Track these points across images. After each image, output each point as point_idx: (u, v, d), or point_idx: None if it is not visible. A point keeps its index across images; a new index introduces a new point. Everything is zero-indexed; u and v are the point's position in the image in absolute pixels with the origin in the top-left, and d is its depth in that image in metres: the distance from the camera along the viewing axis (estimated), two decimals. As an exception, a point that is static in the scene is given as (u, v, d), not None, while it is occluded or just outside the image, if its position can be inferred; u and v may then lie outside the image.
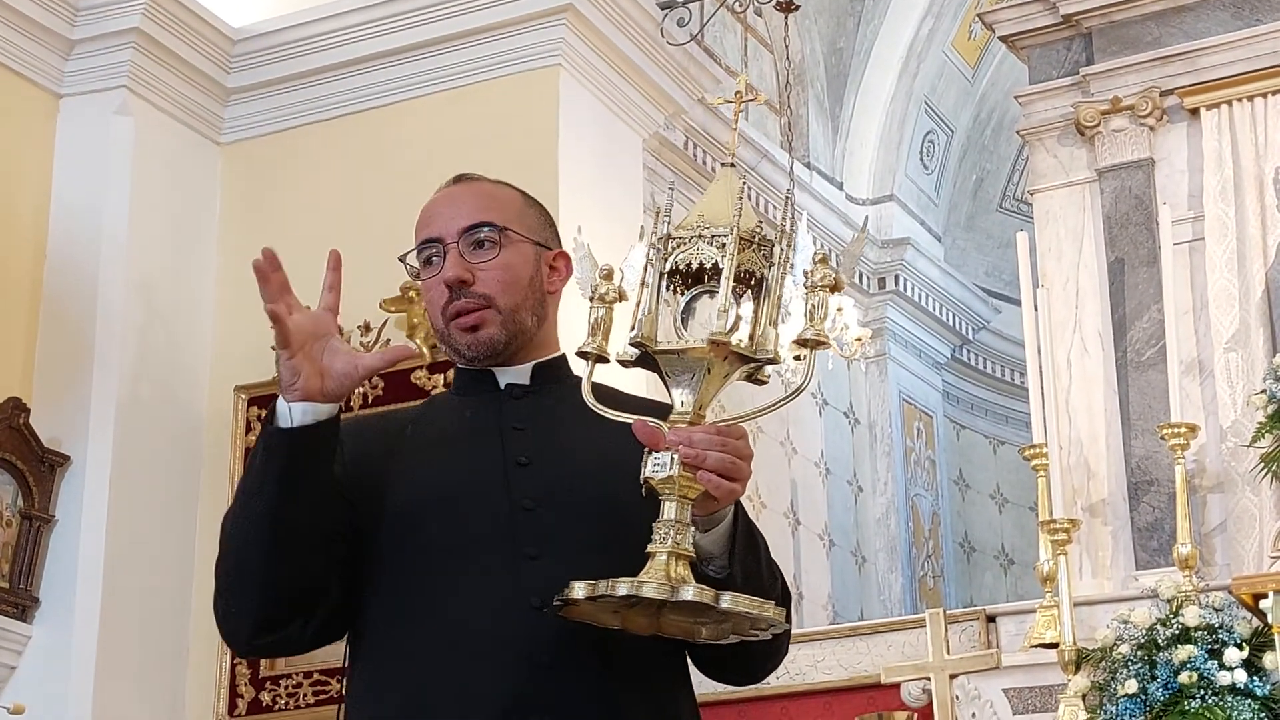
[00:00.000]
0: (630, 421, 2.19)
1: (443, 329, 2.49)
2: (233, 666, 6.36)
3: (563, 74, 6.58)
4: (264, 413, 2.54)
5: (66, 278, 6.48)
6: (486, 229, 2.47)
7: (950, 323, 10.74)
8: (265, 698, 6.31)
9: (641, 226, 1.91)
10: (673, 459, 2.15)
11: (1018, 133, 7.66)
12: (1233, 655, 5.21)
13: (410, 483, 2.41)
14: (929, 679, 6.01)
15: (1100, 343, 6.98)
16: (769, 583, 2.30)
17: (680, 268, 2.23)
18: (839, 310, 8.20)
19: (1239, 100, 6.92)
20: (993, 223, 11.13)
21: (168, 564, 6.48)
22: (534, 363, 2.49)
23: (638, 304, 2.22)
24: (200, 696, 6.40)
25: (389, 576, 2.37)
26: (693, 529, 2.18)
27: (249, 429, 6.58)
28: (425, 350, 6.29)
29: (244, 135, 6.98)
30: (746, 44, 9.50)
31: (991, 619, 6.27)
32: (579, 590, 2.15)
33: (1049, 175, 7.31)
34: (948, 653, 5.98)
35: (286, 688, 6.29)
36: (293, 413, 2.43)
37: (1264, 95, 6.90)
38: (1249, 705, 5.17)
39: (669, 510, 2.17)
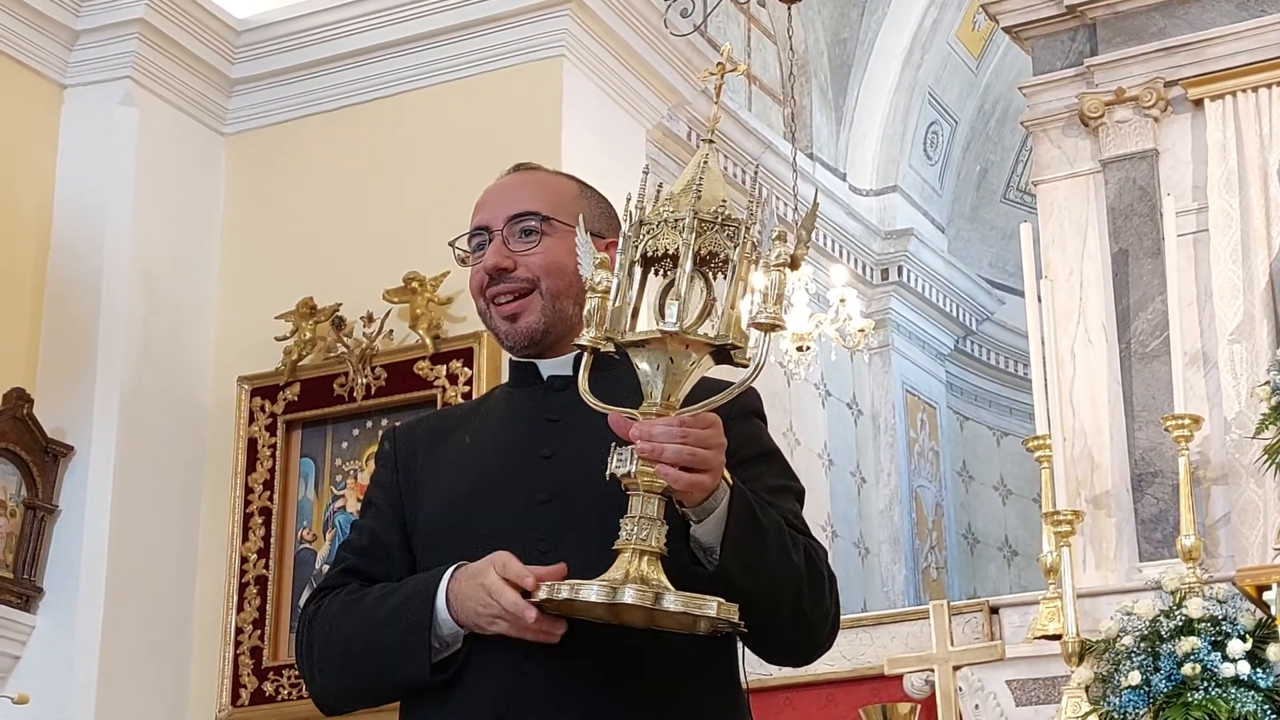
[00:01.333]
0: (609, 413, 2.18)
1: (485, 313, 2.51)
2: (236, 657, 6.37)
3: (566, 65, 6.57)
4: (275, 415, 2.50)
5: (70, 268, 6.48)
6: (531, 218, 2.48)
7: (954, 314, 10.74)
8: (268, 688, 6.32)
9: (626, 212, 1.91)
10: (632, 454, 2.14)
11: (1022, 124, 7.65)
12: (1236, 647, 5.21)
13: (448, 479, 2.43)
14: (932, 670, 6.00)
15: (1104, 334, 6.98)
16: (780, 569, 2.26)
17: (653, 254, 2.20)
18: (842, 301, 8.21)
19: (1243, 91, 6.91)
20: (996, 214, 11.13)
21: (171, 554, 6.49)
22: (575, 353, 2.46)
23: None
24: (204, 686, 6.41)
25: (429, 568, 2.39)
26: (662, 523, 2.15)
27: (252, 419, 6.58)
28: (428, 340, 6.29)
29: (248, 126, 6.97)
30: (750, 35, 9.50)
31: (995, 610, 6.28)
32: (542, 593, 2.15)
33: (1053, 166, 7.30)
34: (951, 644, 5.98)
35: (289, 678, 6.30)
36: (440, 623, 2.30)
37: (1268, 86, 6.89)
38: (1252, 697, 5.17)
39: (634, 506, 2.16)
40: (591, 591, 2.10)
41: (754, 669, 2.45)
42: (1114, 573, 6.63)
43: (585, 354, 2.23)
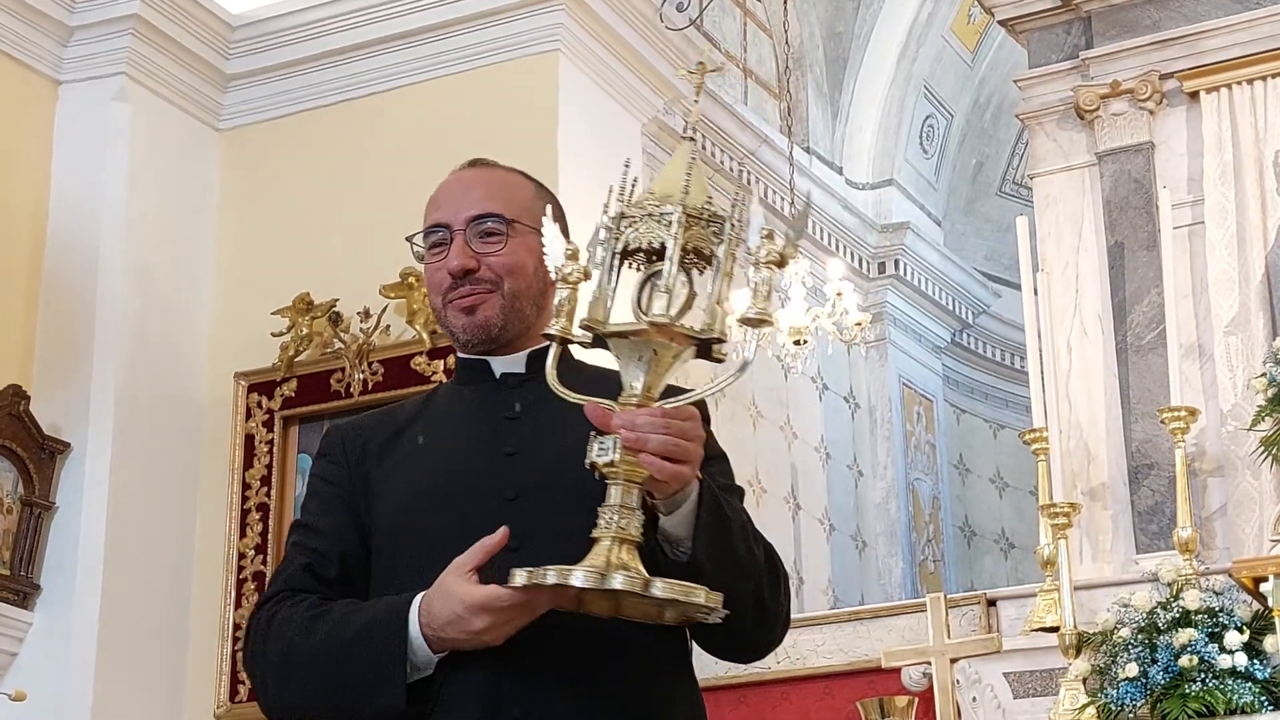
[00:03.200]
0: (585, 403, 2.17)
1: (440, 310, 2.49)
2: (234, 653, 6.37)
3: (562, 59, 6.57)
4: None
5: (66, 264, 6.48)
6: (493, 220, 2.46)
7: (950, 307, 10.74)
8: (266, 684, 6.32)
9: (604, 204, 1.90)
10: (615, 443, 2.13)
11: (1017, 117, 7.66)
12: (1233, 638, 5.22)
13: (404, 480, 2.41)
14: (929, 663, 6.01)
15: (1100, 327, 6.98)
16: (745, 561, 2.28)
17: (634, 247, 2.20)
18: (839, 295, 8.21)
19: (1239, 84, 6.92)
20: (992, 207, 11.13)
21: (168, 550, 6.48)
22: (529, 351, 2.47)
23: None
24: (201, 683, 6.40)
25: (385, 574, 2.37)
26: (640, 513, 2.16)
27: (249, 415, 6.57)
28: (425, 336, 6.29)
29: (243, 121, 6.97)
30: (745, 28, 9.49)
31: (992, 603, 6.28)
32: (518, 578, 2.14)
33: (1048, 159, 7.31)
34: (948, 637, 5.98)
35: (288, 674, 6.30)
36: (416, 651, 2.26)
37: (1264, 78, 6.90)
38: (1249, 688, 5.17)
39: (614, 495, 2.15)
40: (579, 577, 2.10)
41: (753, 664, 2.45)
42: (1111, 565, 6.63)
43: (554, 345, 2.22)
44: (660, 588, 2.10)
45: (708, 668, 2.48)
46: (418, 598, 2.24)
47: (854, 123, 10.23)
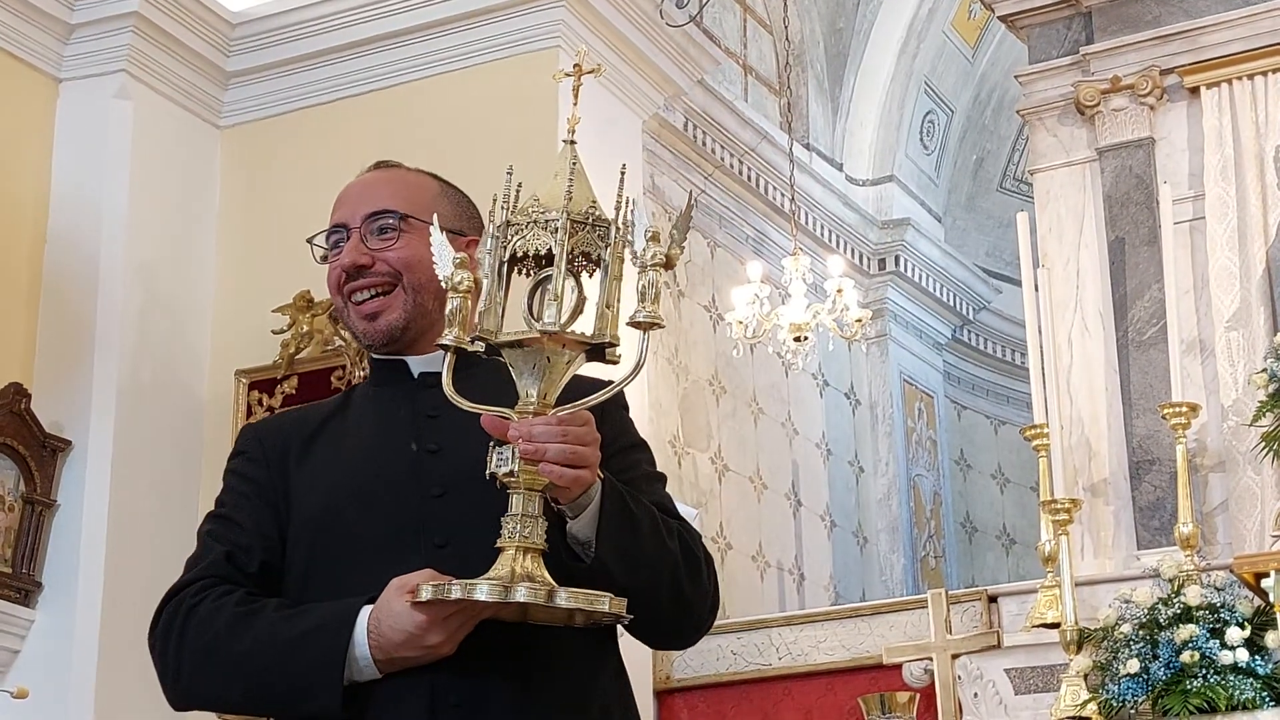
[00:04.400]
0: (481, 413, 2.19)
1: (342, 310, 2.51)
2: (235, 650, 6.38)
3: (562, 56, 6.56)
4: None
5: (67, 262, 6.48)
6: (388, 216, 2.49)
7: (951, 303, 10.74)
8: (268, 681, 6.33)
9: (489, 212, 1.90)
10: (514, 453, 2.15)
11: (1018, 112, 7.65)
12: (1234, 634, 5.22)
13: (325, 480, 2.41)
14: (931, 659, 6.01)
15: (1101, 322, 6.98)
16: (655, 555, 2.29)
17: (522, 254, 2.21)
18: (839, 291, 8.21)
19: (1239, 79, 6.91)
20: (993, 203, 11.12)
21: (169, 548, 6.47)
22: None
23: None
24: (203, 680, 6.41)
25: (307, 573, 2.37)
26: (543, 520, 2.18)
27: (249, 413, 6.57)
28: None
29: (243, 119, 6.97)
30: (746, 24, 9.49)
31: (993, 599, 6.28)
32: (424, 592, 2.15)
33: (1049, 155, 7.30)
34: (950, 633, 5.99)
35: (289, 671, 6.31)
36: (362, 669, 2.25)
37: (1264, 74, 6.89)
38: (1251, 684, 5.18)
39: (516, 504, 2.18)
40: (483, 591, 2.12)
41: (753, 658, 2.46)
42: (1112, 561, 6.63)
43: (448, 354, 2.23)
44: (564, 598, 2.14)
45: (710, 665, 2.49)
46: (364, 612, 2.24)
47: (854, 119, 10.23)
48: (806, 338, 8.12)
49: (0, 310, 6.34)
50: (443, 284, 2.26)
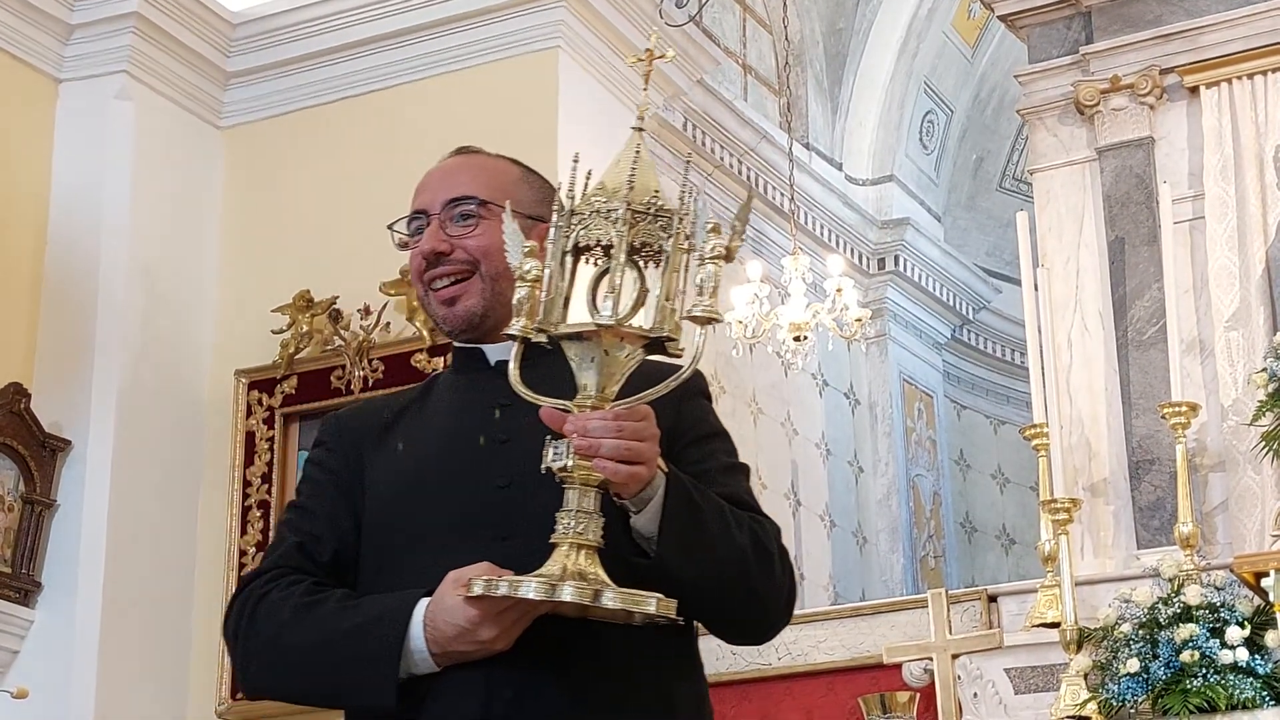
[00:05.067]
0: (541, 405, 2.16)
1: (424, 298, 2.49)
2: (236, 650, 6.37)
3: (562, 56, 6.57)
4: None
5: (67, 263, 6.48)
6: (468, 202, 2.46)
7: (950, 303, 10.74)
8: (268, 681, 6.32)
9: (559, 199, 1.89)
10: (568, 447, 2.12)
11: (1018, 112, 7.65)
12: (1234, 634, 5.22)
13: (396, 470, 2.40)
14: (931, 659, 6.01)
15: (1101, 322, 6.98)
16: (723, 550, 2.25)
17: (584, 244, 2.17)
18: (839, 291, 8.21)
19: (1239, 78, 6.91)
20: (993, 202, 11.13)
21: (170, 548, 6.49)
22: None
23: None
24: (203, 680, 6.41)
25: (378, 564, 2.36)
26: (600, 516, 2.14)
27: (249, 413, 6.58)
28: (425, 333, 6.29)
29: (244, 119, 6.97)
30: (745, 24, 9.49)
31: (993, 599, 6.28)
32: (476, 588, 2.13)
33: (1049, 154, 7.30)
34: (950, 633, 5.99)
35: (289, 671, 6.30)
36: (417, 662, 2.24)
37: (1264, 73, 6.89)
38: (1251, 684, 5.17)
39: (570, 499, 2.14)
40: (530, 589, 2.09)
41: (753, 658, 2.45)
42: (1112, 560, 6.63)
43: (516, 344, 2.20)
44: (609, 598, 2.10)
45: (709, 664, 2.47)
46: (420, 605, 2.23)
47: (854, 118, 10.23)
48: (806, 337, 8.13)
49: (0, 310, 6.34)
50: (513, 272, 2.22)
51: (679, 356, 2.20)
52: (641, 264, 2.16)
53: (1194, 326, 6.77)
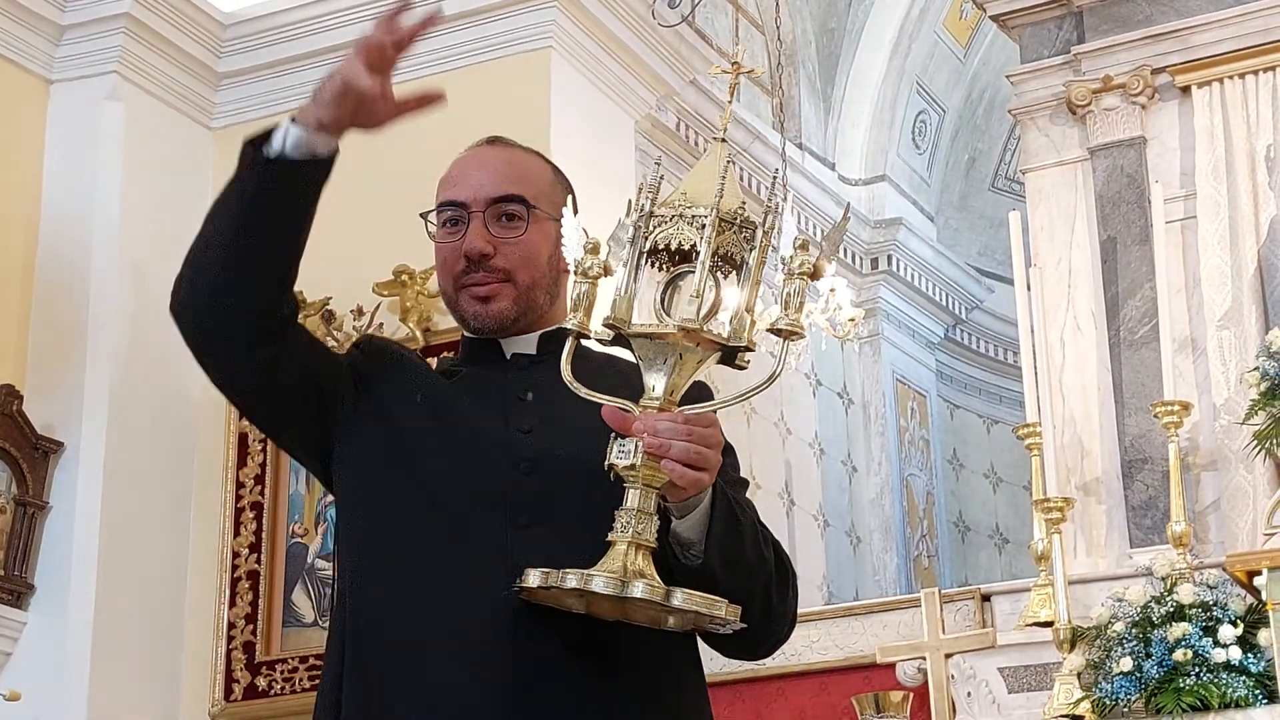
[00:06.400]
0: (603, 403, 2.14)
1: (451, 295, 2.44)
2: (229, 652, 6.36)
3: (554, 56, 6.57)
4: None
5: (58, 264, 6.47)
6: (515, 203, 2.42)
7: (943, 302, 10.74)
8: (261, 683, 6.32)
9: (629, 200, 1.86)
10: (636, 447, 2.11)
11: (1009, 112, 7.66)
12: (1227, 632, 5.22)
13: (414, 414, 2.36)
14: (924, 658, 6.01)
15: (1093, 321, 6.98)
16: (756, 565, 2.25)
17: (661, 246, 2.17)
18: (832, 291, 8.21)
19: (1230, 78, 6.92)
20: (985, 202, 11.13)
21: (162, 549, 6.48)
22: (540, 332, 2.44)
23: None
24: (196, 682, 6.40)
25: (385, 525, 2.32)
26: (657, 518, 2.14)
27: (241, 415, 6.56)
28: (418, 333, 6.29)
29: (236, 120, 6.96)
30: (737, 25, 9.49)
31: (986, 598, 6.29)
32: (533, 578, 2.12)
33: (1041, 154, 7.30)
34: (943, 632, 5.99)
35: (282, 673, 6.30)
36: (291, 143, 2.41)
37: (1255, 73, 6.90)
38: (1244, 682, 5.18)
39: (632, 498, 2.13)
40: (600, 583, 2.08)
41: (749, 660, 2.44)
42: (1105, 559, 6.63)
43: (569, 339, 2.19)
44: (680, 599, 2.09)
45: (704, 665, 2.47)
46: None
47: (846, 119, 10.22)
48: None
49: (-8, 312, 6.34)
50: (571, 268, 2.21)
51: (745, 369, 2.20)
52: (717, 274, 2.16)
53: (1186, 326, 6.78)
